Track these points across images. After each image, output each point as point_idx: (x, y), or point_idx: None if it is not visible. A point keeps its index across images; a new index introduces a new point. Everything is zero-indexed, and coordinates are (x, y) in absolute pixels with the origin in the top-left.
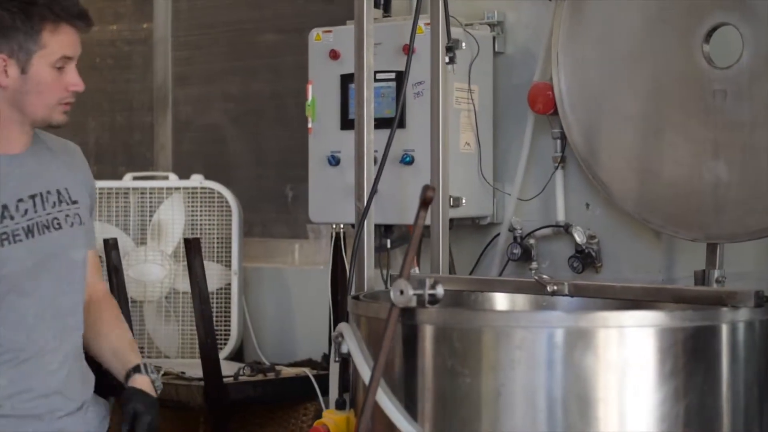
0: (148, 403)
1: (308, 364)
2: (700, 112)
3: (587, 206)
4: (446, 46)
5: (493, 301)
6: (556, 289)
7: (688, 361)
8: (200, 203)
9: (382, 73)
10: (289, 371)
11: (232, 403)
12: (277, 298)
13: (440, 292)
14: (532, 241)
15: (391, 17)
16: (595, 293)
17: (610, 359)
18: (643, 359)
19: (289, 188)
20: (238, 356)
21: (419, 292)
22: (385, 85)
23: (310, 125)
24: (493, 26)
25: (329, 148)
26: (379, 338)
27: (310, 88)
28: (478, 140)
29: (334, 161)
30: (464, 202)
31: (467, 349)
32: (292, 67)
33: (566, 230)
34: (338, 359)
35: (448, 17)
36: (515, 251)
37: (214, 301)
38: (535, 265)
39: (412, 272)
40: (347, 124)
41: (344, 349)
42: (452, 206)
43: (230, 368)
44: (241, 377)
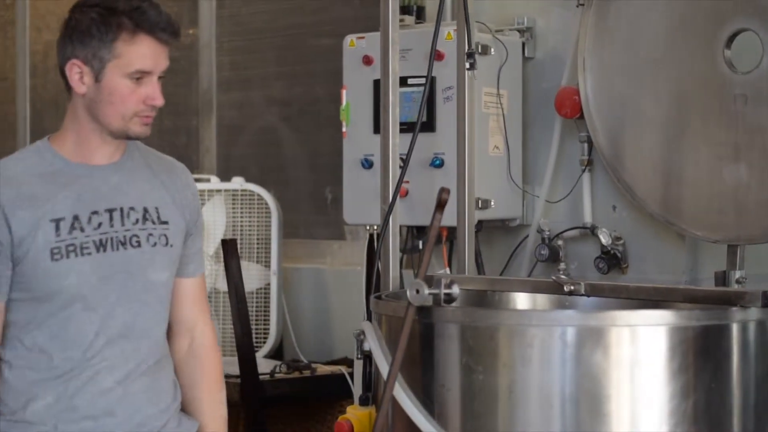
0: None
1: (344, 362)
2: (721, 115)
3: (614, 208)
4: (466, 52)
5: (516, 300)
6: (573, 289)
7: (695, 359)
8: (241, 205)
9: (413, 78)
10: (324, 369)
11: (268, 399)
12: (315, 297)
13: (456, 291)
14: (560, 242)
15: (423, 23)
16: (610, 293)
17: (619, 357)
18: (652, 357)
19: (328, 190)
20: (277, 354)
21: (435, 291)
22: (416, 90)
23: (344, 129)
24: (522, 32)
25: (363, 151)
26: (397, 336)
27: (344, 93)
28: (506, 144)
29: (367, 164)
30: (493, 204)
31: (481, 346)
32: (331, 71)
33: (592, 232)
34: (360, 356)
35: (468, 24)
36: (543, 252)
37: (253, 300)
38: (563, 266)
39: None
40: (380, 128)
41: (366, 346)
42: (480, 208)
43: (268, 366)
44: (277, 375)
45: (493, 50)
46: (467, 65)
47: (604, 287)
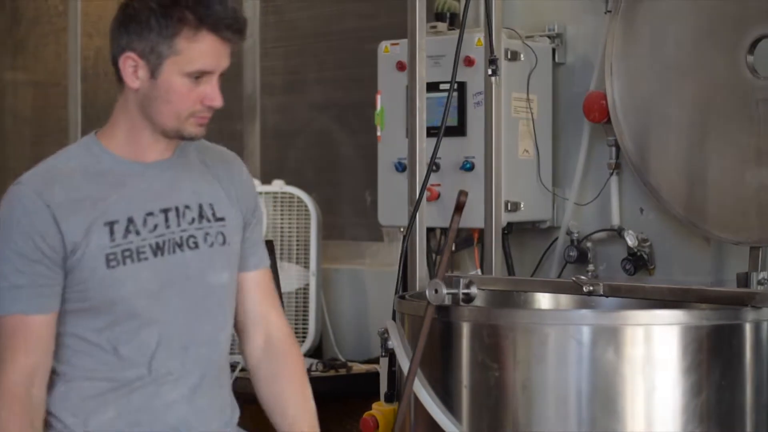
0: None
1: None
2: (744, 120)
3: (641, 211)
4: (489, 59)
5: (540, 301)
6: (592, 289)
7: (707, 357)
8: (281, 207)
9: (445, 83)
10: (360, 368)
11: None
12: (354, 298)
13: (474, 291)
14: (588, 244)
15: (456, 30)
16: (627, 293)
17: (632, 355)
18: (664, 355)
19: (367, 193)
20: (316, 353)
21: (453, 291)
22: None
23: (379, 133)
24: (553, 38)
25: (396, 154)
26: (418, 334)
27: (378, 97)
28: (536, 147)
29: (400, 167)
30: (523, 206)
31: (496, 344)
32: (371, 76)
33: (620, 234)
34: (384, 354)
35: (491, 32)
36: (571, 254)
37: (293, 300)
38: (591, 267)
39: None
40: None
41: (389, 344)
42: (510, 210)
43: (305, 364)
44: (313, 373)
45: (522, 56)
46: (489, 71)
47: (621, 288)
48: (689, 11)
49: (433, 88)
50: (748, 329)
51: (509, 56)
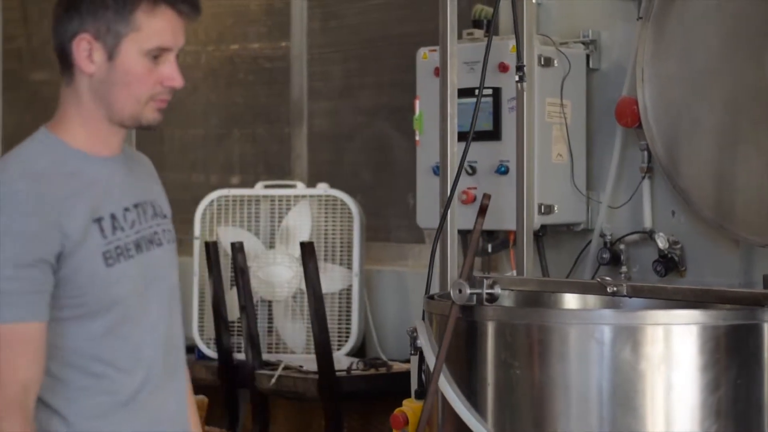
0: None
1: None
2: None
3: (673, 213)
4: (516, 65)
5: (570, 302)
6: (615, 290)
7: (723, 356)
8: (325, 210)
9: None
10: (401, 367)
11: (344, 395)
12: (396, 298)
13: (497, 291)
14: (621, 246)
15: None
16: (649, 294)
17: (651, 354)
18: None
19: (410, 196)
20: (359, 352)
21: (477, 291)
22: (482, 100)
23: (417, 138)
24: (587, 44)
25: (434, 158)
26: (444, 333)
27: (417, 103)
28: (570, 151)
29: (437, 171)
30: (556, 209)
31: (518, 343)
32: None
33: (651, 236)
34: (413, 352)
35: (519, 38)
36: (604, 256)
37: (337, 300)
38: (624, 269)
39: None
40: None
41: (418, 343)
42: (543, 213)
43: (347, 363)
44: (353, 372)
45: (556, 62)
46: (516, 78)
47: (644, 289)
48: (718, 17)
49: (468, 93)
50: (765, 329)
51: (542, 62)
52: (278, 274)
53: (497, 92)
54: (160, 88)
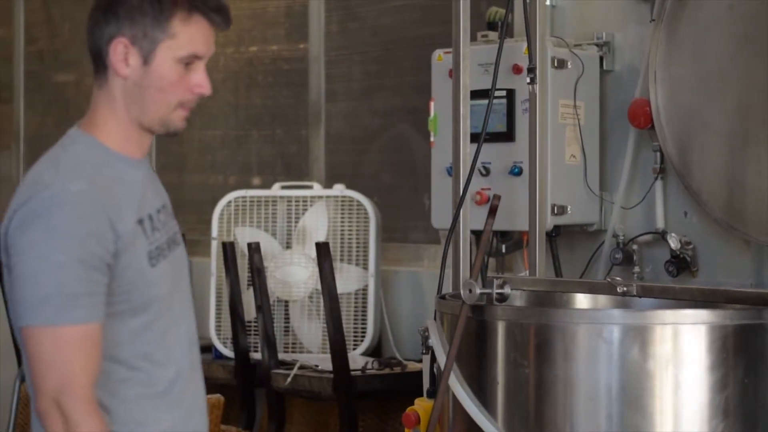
0: None
1: None
2: None
3: (685, 214)
4: (527, 67)
5: (582, 302)
6: (625, 290)
7: (730, 355)
8: (341, 211)
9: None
10: (416, 366)
11: (359, 394)
12: (412, 298)
13: (507, 291)
14: (634, 246)
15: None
16: (659, 294)
17: (659, 353)
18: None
19: (426, 197)
20: (375, 352)
21: (487, 291)
22: (496, 102)
23: (432, 139)
24: (600, 46)
25: (449, 160)
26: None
27: (432, 104)
28: (583, 152)
29: (452, 172)
30: (570, 210)
31: (527, 342)
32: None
33: (663, 237)
34: (425, 351)
35: (531, 40)
36: (617, 256)
37: (353, 300)
38: (637, 269)
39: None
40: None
41: (430, 343)
42: (556, 214)
43: (362, 362)
44: (368, 371)
45: (569, 64)
46: (528, 79)
47: (653, 289)
48: (730, 19)
49: (482, 95)
50: None
51: (556, 64)
52: (294, 274)
53: (511, 94)
54: (189, 95)
